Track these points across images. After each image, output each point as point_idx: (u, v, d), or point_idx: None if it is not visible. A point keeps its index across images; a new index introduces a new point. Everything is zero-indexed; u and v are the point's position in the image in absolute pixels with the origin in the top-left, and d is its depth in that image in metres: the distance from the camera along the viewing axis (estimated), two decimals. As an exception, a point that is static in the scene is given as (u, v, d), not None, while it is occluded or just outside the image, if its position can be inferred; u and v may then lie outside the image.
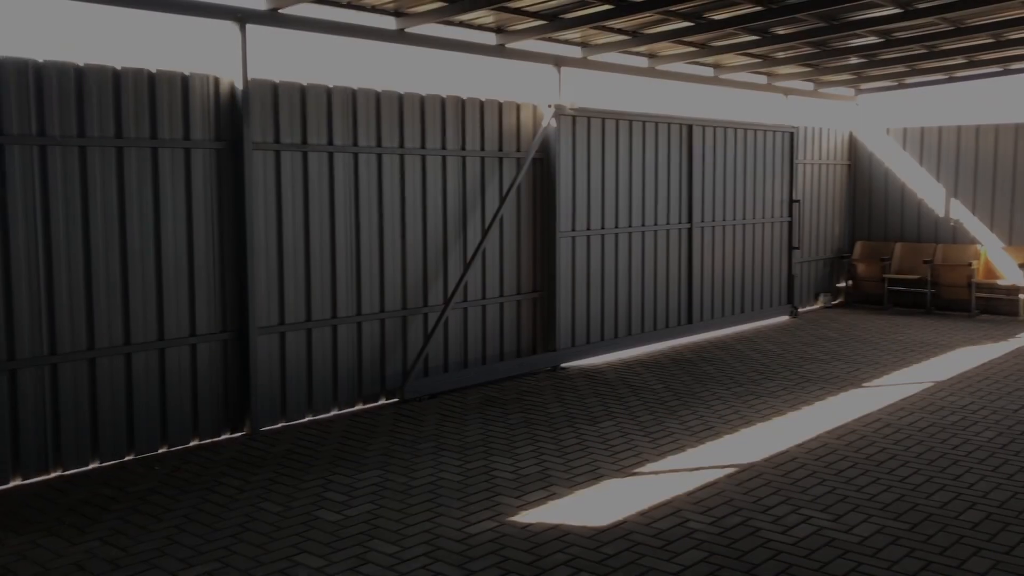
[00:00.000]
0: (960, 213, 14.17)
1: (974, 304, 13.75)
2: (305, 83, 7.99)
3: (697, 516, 5.67)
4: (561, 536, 5.38)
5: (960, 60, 12.70)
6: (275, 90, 7.78)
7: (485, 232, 9.33)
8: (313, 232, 8.07)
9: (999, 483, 6.23)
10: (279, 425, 7.89)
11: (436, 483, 6.33)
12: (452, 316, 9.20)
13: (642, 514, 5.71)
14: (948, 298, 14.01)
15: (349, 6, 8.28)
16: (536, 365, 9.96)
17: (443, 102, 9.05)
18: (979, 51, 11.85)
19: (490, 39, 9.56)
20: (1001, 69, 13.64)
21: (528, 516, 5.70)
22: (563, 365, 10.24)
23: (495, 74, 10.81)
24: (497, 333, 9.71)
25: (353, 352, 8.42)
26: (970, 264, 13.62)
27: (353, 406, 8.46)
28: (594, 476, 6.46)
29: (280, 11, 7.73)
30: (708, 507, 5.82)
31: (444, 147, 9.06)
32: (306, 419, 8.08)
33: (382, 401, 8.69)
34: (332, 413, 8.28)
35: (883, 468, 6.56)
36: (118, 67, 6.85)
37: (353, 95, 8.31)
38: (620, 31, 10.00)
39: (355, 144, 8.33)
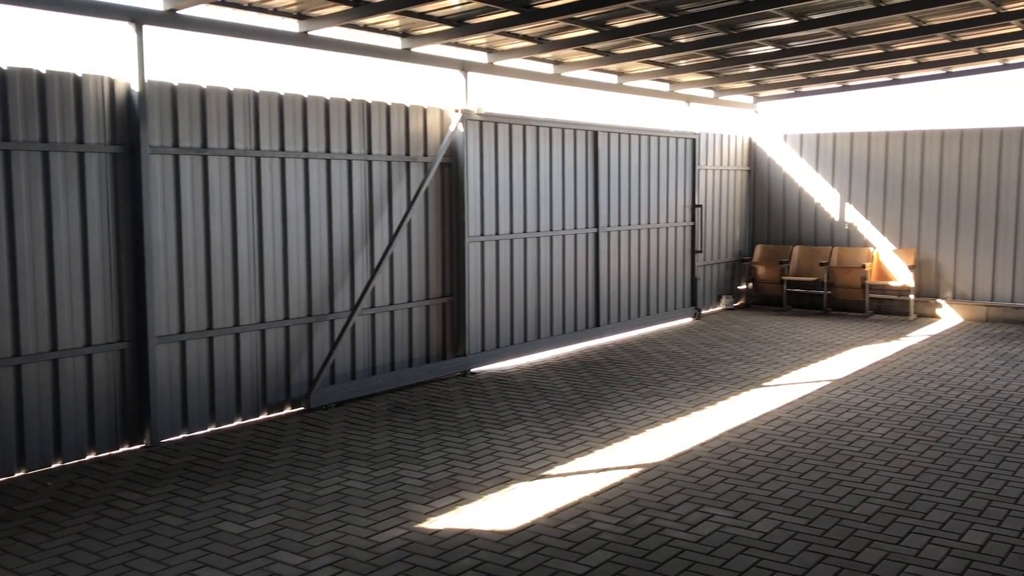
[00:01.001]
0: (854, 217, 14.72)
1: (868, 304, 14.30)
2: (205, 86, 7.81)
3: (604, 517, 5.74)
4: (469, 541, 5.37)
5: (852, 69, 13.20)
6: (174, 92, 7.58)
7: (393, 237, 9.27)
8: (214, 238, 7.89)
9: (891, 477, 6.48)
10: (180, 436, 7.68)
11: (343, 492, 6.25)
12: (360, 322, 9.11)
13: (550, 516, 5.76)
14: (843, 299, 14.54)
15: (251, 8, 8.13)
16: (446, 370, 9.93)
17: (348, 106, 8.96)
18: (869, 61, 12.33)
19: (396, 43, 9.51)
20: (890, 79, 14.23)
21: (436, 522, 5.68)
22: (473, 370, 10.24)
23: (402, 78, 10.76)
24: (406, 339, 9.66)
25: (257, 360, 8.25)
26: (863, 266, 14.15)
27: (257, 416, 8.30)
28: (503, 480, 6.48)
29: (178, 12, 7.53)
30: (614, 507, 5.90)
31: (350, 151, 8.97)
32: (208, 430, 7.88)
33: (288, 410, 8.54)
34: (236, 423, 8.10)
35: (782, 465, 6.76)
36: (4, 67, 6.57)
37: (255, 98, 8.16)
38: (526, 37, 10.08)
39: (257, 148, 8.18)
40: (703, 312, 14.53)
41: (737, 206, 15.40)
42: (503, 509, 5.91)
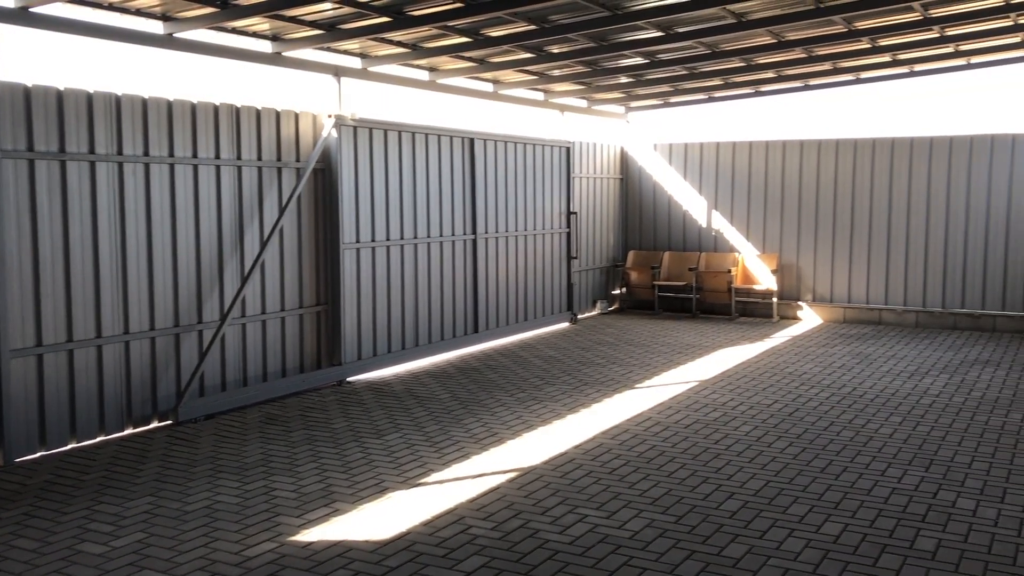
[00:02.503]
0: (720, 224, 15.26)
1: (734, 308, 14.85)
2: (63, 87, 7.47)
3: (480, 522, 5.77)
4: (343, 552, 5.31)
5: (717, 82, 13.70)
6: (27, 94, 7.22)
7: (264, 244, 9.08)
8: (73, 247, 7.55)
9: (755, 473, 6.75)
10: (37, 455, 7.30)
11: (212, 507, 6.08)
12: (230, 332, 8.88)
13: (426, 524, 5.75)
14: (711, 302, 15.06)
15: (111, 8, 7.83)
16: (321, 380, 9.78)
17: (216, 110, 8.73)
18: (733, 74, 12.83)
19: (266, 47, 9.34)
20: (753, 91, 14.84)
21: (310, 535, 5.59)
22: (349, 379, 10.12)
23: (273, 82, 10.57)
24: (279, 349, 9.47)
25: (121, 373, 7.94)
26: (730, 271, 14.69)
27: (122, 431, 7.97)
28: (379, 490, 6.43)
29: (31, 10, 7.19)
30: (490, 513, 5.94)
31: (218, 156, 8.74)
32: (69, 447, 7.53)
33: (154, 424, 8.24)
34: (98, 439, 7.77)
35: (652, 465, 6.95)
36: None
37: (117, 101, 7.86)
38: (400, 44, 10.05)
39: (120, 153, 7.87)
40: (579, 317, 14.79)
41: (610, 213, 15.74)
42: (378, 519, 5.86)
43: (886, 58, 12.55)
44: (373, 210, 10.45)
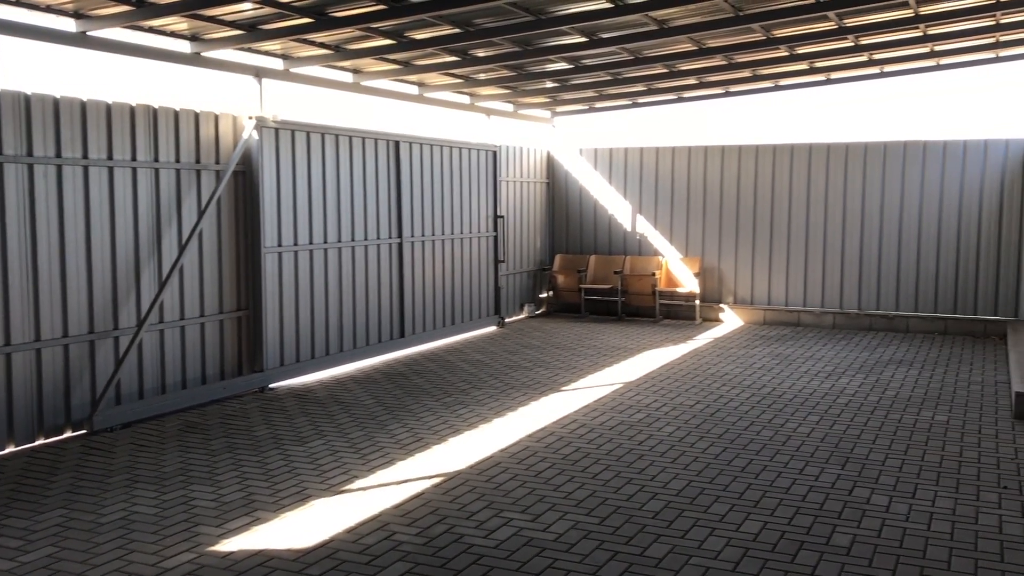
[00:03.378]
0: (645, 228, 15.45)
1: (658, 310, 15.05)
2: (-33, 85, 7.20)
3: (404, 528, 5.72)
4: (264, 561, 5.21)
5: (641, 87, 13.87)
6: (-71, 92, 6.94)
7: (183, 248, 8.87)
8: (-20, 251, 7.27)
9: (677, 473, 6.84)
10: (-59, 468, 7.01)
11: (128, 518, 5.91)
12: (147, 339, 8.66)
13: (349, 531, 5.68)
14: (636, 305, 15.24)
15: (19, 4, 7.56)
16: (242, 387, 9.60)
17: (133, 111, 8.51)
18: (656, 80, 13.01)
19: (185, 47, 9.13)
20: (676, 97, 15.06)
21: (230, 544, 5.48)
22: (272, 386, 9.96)
23: (193, 83, 10.35)
24: (198, 355, 9.26)
25: (32, 382, 7.66)
26: (654, 274, 14.89)
27: (33, 441, 7.70)
28: (301, 497, 6.33)
29: (-67, 4, 6.91)
30: (415, 518, 5.89)
31: (135, 158, 8.52)
32: (-25, 459, 7.25)
33: (68, 434, 7.98)
34: (7, 450, 7.48)
35: (577, 467, 6.99)
36: None
37: (26, 100, 7.59)
38: (322, 45, 9.94)
39: (30, 154, 7.61)
40: (507, 320, 14.81)
41: (537, 217, 15.81)
42: (301, 527, 5.77)
43: (803, 66, 12.87)
44: (296, 213, 10.30)
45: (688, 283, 14.91)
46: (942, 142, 13.51)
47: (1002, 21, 10.81)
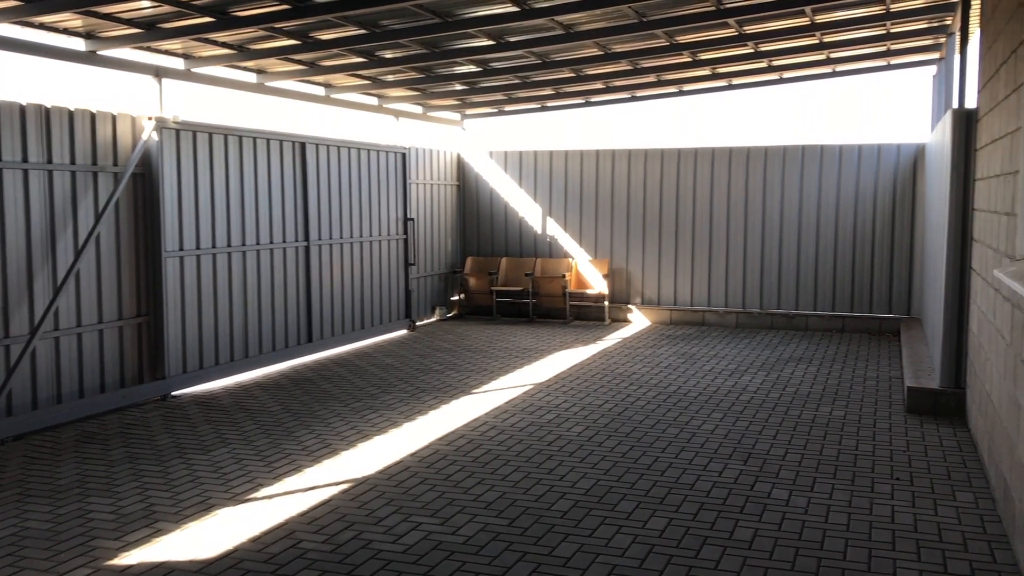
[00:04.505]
0: (555, 230, 15.59)
1: (568, 311, 15.20)
2: None
3: (310, 536, 5.64)
4: (166, 574, 5.07)
5: (549, 91, 13.99)
6: None
7: (79, 253, 8.57)
8: None
9: (585, 472, 6.91)
10: None
11: (20, 534, 5.67)
12: (41, 347, 8.33)
13: (254, 540, 5.57)
14: (547, 307, 15.36)
15: (-102, -4, 7.21)
16: (143, 395, 9.33)
17: (23, 110, 8.18)
18: (564, 84, 13.14)
19: (80, 45, 8.83)
20: (584, 101, 15.25)
21: (129, 558, 5.31)
22: (174, 393, 9.70)
23: (90, 82, 10.02)
24: (97, 363, 8.95)
25: (-85, 394, 7.30)
26: (564, 276, 15.03)
27: (-84, 456, 7.34)
28: (205, 507, 6.18)
29: None
30: (322, 525, 5.82)
31: (25, 160, 8.19)
32: None
33: (-45, 448, 7.63)
34: None
35: (487, 469, 7.00)
36: None
37: (-94, 99, 7.24)
38: (225, 45, 9.73)
39: (-90, 155, 7.26)
40: (418, 324, 14.74)
41: (448, 219, 15.79)
42: (204, 537, 5.63)
43: (706, 71, 13.18)
44: (198, 216, 10.06)
45: (597, 285, 15.10)
46: (838, 146, 14.00)
47: (892, 30, 11.26)
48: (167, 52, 9.79)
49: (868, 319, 13.86)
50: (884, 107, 19.66)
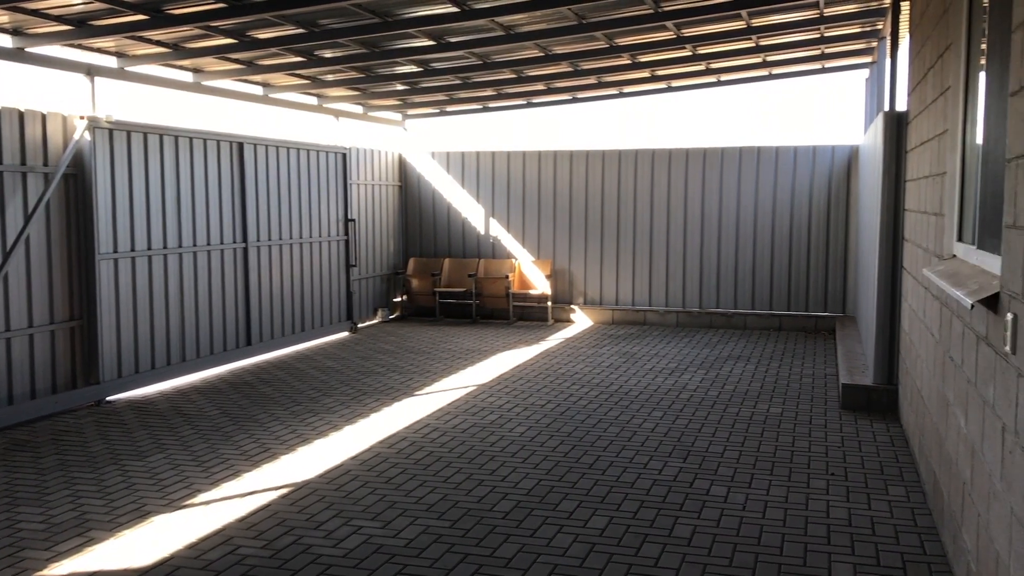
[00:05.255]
0: (498, 231, 15.60)
1: (512, 312, 15.23)
2: None
3: (249, 541, 5.56)
4: (98, 585, 4.96)
5: (491, 92, 14.00)
6: None
7: (7, 256, 8.33)
8: None
9: (527, 473, 6.93)
10: None
11: (-55, 546, 5.50)
12: (-32, 352, 8.09)
13: (191, 547, 5.47)
14: (490, 308, 15.37)
15: None
16: (77, 401, 9.11)
17: (-53, 109, 7.94)
18: (505, 85, 13.16)
19: (6, 41, 8.60)
20: (525, 102, 15.29)
21: (60, 568, 5.18)
22: (109, 399, 9.49)
23: (18, 81, 9.76)
24: (26, 368, 8.72)
25: None
26: (507, 277, 15.05)
27: None
28: (140, 515, 6.06)
29: None
30: (260, 531, 5.74)
31: (-50, 160, 7.95)
32: None
33: None
34: None
35: (429, 471, 6.98)
36: None
37: None
38: (160, 43, 9.55)
39: None
40: (359, 326, 14.63)
41: (390, 220, 15.70)
42: (139, 545, 5.52)
43: (646, 73, 13.30)
44: (133, 218, 9.85)
45: (540, 285, 15.15)
46: (775, 148, 14.25)
47: (826, 34, 11.49)
48: (99, 50, 9.58)
49: (804, 317, 14.13)
50: (821, 110, 20.06)
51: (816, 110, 20.14)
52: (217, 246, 11.19)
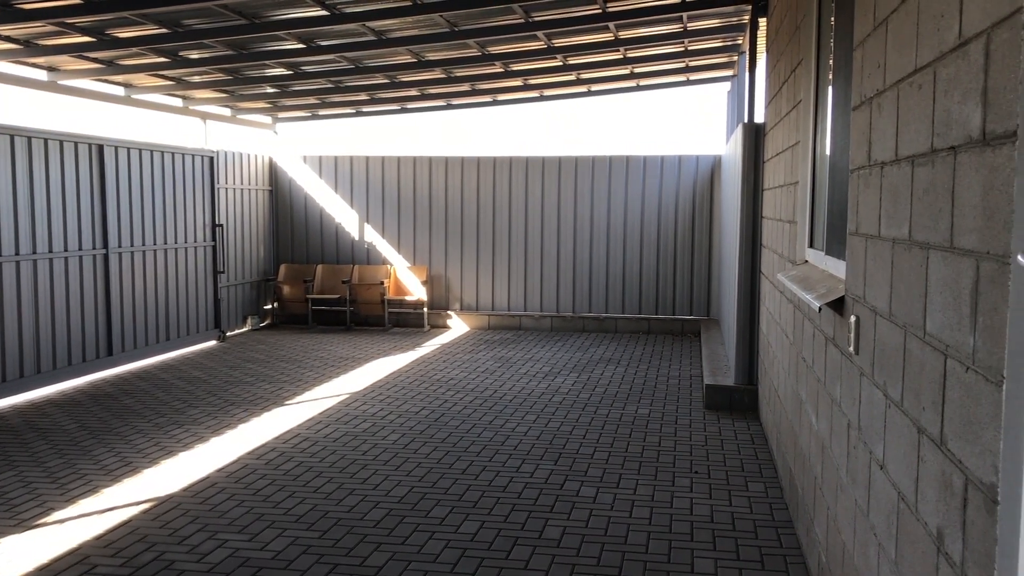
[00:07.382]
0: (373, 236, 15.47)
1: (387, 319, 15.12)
2: None
3: (106, 560, 5.34)
4: (-62, 613, 4.67)
5: (364, 96, 13.88)
6: None
7: None
8: None
9: (400, 480, 6.89)
10: None
11: None
12: None
13: (42, 569, 5.21)
14: (366, 314, 15.21)
15: None
16: (-83, 417, 8.54)
17: None
18: (378, 89, 13.07)
19: None
20: (399, 107, 15.22)
21: None
22: (-46, 413, 8.94)
23: None
24: None
25: None
26: (383, 283, 14.94)
27: None
28: (-14, 536, 5.73)
29: None
30: (119, 548, 5.52)
31: None
32: None
33: None
34: None
35: (299, 481, 6.86)
36: None
37: None
38: (10, 39, 9.08)
39: None
40: (228, 334, 14.24)
41: (260, 225, 15.35)
42: (-16, 569, 5.22)
43: (518, 82, 13.46)
44: (-19, 223, 9.32)
45: (416, 291, 15.10)
46: (642, 157, 14.64)
47: (690, 48, 11.90)
48: (-58, 44, 9.04)
49: (672, 321, 14.56)
50: (687, 121, 20.76)
51: (683, 121, 20.83)
52: (75, 252, 10.69)
